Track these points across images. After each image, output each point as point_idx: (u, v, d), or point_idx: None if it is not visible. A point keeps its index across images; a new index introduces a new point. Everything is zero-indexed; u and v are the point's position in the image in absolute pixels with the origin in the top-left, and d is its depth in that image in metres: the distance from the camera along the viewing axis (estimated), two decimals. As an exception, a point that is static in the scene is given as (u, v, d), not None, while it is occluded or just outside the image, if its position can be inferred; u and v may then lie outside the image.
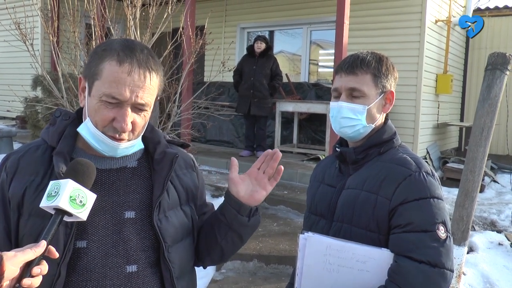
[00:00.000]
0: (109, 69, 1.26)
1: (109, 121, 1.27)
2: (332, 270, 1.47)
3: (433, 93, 8.44)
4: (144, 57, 1.28)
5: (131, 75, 1.25)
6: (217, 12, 9.59)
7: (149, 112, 1.33)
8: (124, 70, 1.25)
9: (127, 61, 1.25)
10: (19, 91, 6.47)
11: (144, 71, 1.27)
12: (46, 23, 5.32)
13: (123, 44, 1.30)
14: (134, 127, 1.30)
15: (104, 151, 1.31)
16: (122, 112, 1.26)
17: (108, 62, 1.27)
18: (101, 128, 1.28)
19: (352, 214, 1.57)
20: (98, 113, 1.27)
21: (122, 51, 1.27)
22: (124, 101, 1.25)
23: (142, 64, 1.27)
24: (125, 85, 1.24)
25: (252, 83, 7.44)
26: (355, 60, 1.63)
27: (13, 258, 1.01)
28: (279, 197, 5.86)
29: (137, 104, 1.27)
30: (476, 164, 3.51)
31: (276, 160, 1.44)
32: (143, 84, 1.27)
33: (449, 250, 1.45)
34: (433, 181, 1.53)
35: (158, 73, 1.33)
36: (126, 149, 1.33)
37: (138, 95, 1.26)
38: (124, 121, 1.26)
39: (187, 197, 1.46)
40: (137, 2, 4.85)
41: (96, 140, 1.29)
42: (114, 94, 1.24)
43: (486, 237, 5.16)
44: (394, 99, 1.69)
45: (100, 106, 1.27)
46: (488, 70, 3.54)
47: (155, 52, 1.24)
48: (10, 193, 1.30)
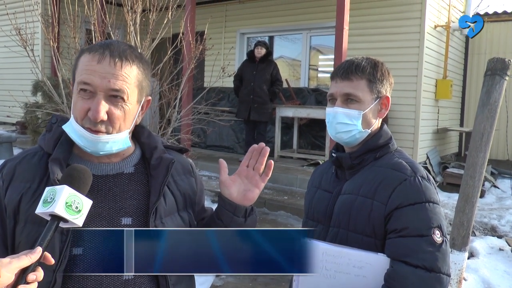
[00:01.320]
0: (82, 61, 1.29)
1: (85, 112, 1.27)
2: (329, 276, 1.46)
3: (432, 98, 8.44)
4: (118, 49, 1.29)
5: (101, 63, 1.26)
6: (217, 18, 9.62)
7: (130, 105, 1.31)
8: (94, 59, 1.26)
9: (99, 51, 1.27)
10: (19, 97, 6.48)
11: (115, 59, 1.27)
12: (47, 29, 5.34)
13: (101, 42, 1.33)
14: (112, 119, 1.28)
15: (86, 147, 1.30)
16: (95, 101, 1.26)
17: (83, 56, 1.30)
18: (80, 121, 1.28)
19: (348, 219, 1.57)
20: (76, 106, 1.29)
21: (98, 45, 1.30)
22: (96, 87, 1.25)
23: (115, 53, 1.28)
24: (95, 71, 1.25)
25: (252, 89, 7.45)
26: (350, 65, 1.64)
27: (8, 265, 1.01)
28: (279, 203, 5.85)
29: (110, 91, 1.26)
30: (476, 170, 3.50)
31: (264, 155, 1.41)
32: (114, 71, 1.27)
33: (445, 254, 1.45)
34: (428, 185, 1.53)
35: (134, 64, 1.32)
36: (107, 144, 1.30)
37: (110, 81, 1.26)
38: (96, 109, 1.25)
39: (184, 202, 1.45)
40: (137, 8, 4.87)
41: (77, 136, 1.29)
42: (85, 79, 1.25)
43: (487, 242, 5.15)
44: (389, 104, 1.69)
45: (78, 99, 1.28)
46: (488, 75, 3.54)
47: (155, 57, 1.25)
48: (6, 200, 1.29)
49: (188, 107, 6.30)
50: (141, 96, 1.36)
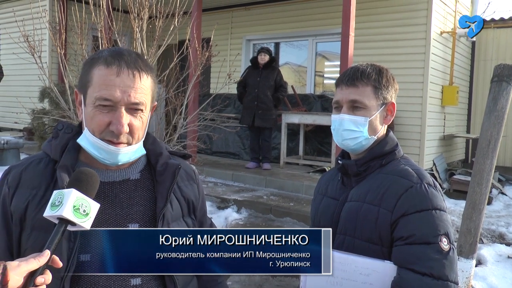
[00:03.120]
0: (98, 74, 1.28)
1: (105, 125, 1.27)
2: (336, 283, 1.45)
3: (439, 105, 8.42)
4: (132, 59, 1.29)
5: (120, 76, 1.26)
6: (223, 25, 9.66)
7: (146, 114, 1.33)
8: (112, 72, 1.26)
9: (115, 63, 1.27)
10: (26, 103, 6.52)
11: (133, 70, 1.27)
12: (54, 36, 5.37)
13: (110, 50, 1.32)
14: (132, 130, 1.29)
15: (105, 159, 1.31)
16: (117, 114, 1.26)
17: (97, 68, 1.28)
18: (98, 134, 1.28)
19: (354, 227, 1.57)
20: (93, 119, 1.28)
21: (110, 56, 1.29)
22: (117, 102, 1.25)
23: (131, 65, 1.28)
24: (115, 86, 1.25)
25: (257, 95, 7.44)
26: (355, 72, 1.63)
27: (17, 268, 1.01)
28: (285, 209, 5.84)
29: (130, 104, 1.27)
30: (483, 176, 3.49)
31: None
32: (133, 84, 1.27)
33: (452, 262, 1.44)
34: (435, 192, 1.52)
35: (149, 74, 1.33)
36: (127, 155, 1.32)
37: (131, 95, 1.26)
38: (119, 123, 1.25)
39: (188, 208, 1.46)
40: (144, 15, 4.90)
41: (96, 148, 1.29)
42: (106, 95, 1.25)
43: (495, 250, 5.11)
44: (395, 111, 1.69)
45: (95, 112, 1.27)
46: (494, 81, 3.53)
47: (161, 64, 1.26)
48: (13, 207, 1.29)
49: (194, 114, 6.32)
50: (152, 103, 1.38)
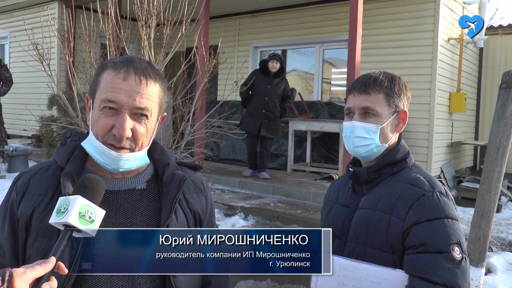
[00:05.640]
0: (106, 78, 1.29)
1: (109, 129, 1.27)
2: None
3: (446, 112, 8.38)
4: (141, 66, 1.30)
5: (127, 80, 1.27)
6: (231, 32, 9.69)
7: (152, 122, 1.32)
8: (119, 76, 1.27)
9: (123, 68, 1.28)
10: (35, 110, 6.57)
11: (140, 76, 1.28)
12: (63, 44, 5.41)
13: (122, 57, 1.34)
14: (136, 136, 1.29)
15: (107, 164, 1.30)
16: (120, 118, 1.26)
17: (106, 72, 1.30)
18: (101, 138, 1.28)
19: (366, 235, 1.56)
20: (98, 122, 1.28)
21: (120, 61, 1.30)
22: (121, 105, 1.26)
23: (139, 71, 1.28)
24: (121, 89, 1.26)
25: (266, 103, 7.27)
26: (368, 79, 1.63)
27: (23, 275, 1.01)
28: (293, 217, 5.82)
29: (135, 109, 1.27)
30: (492, 184, 3.46)
31: None
32: (139, 89, 1.28)
33: (465, 271, 1.42)
34: (447, 201, 1.51)
35: (157, 82, 1.33)
36: (129, 161, 1.31)
37: (136, 99, 1.26)
38: (122, 127, 1.25)
39: (194, 221, 1.44)
40: (152, 23, 4.92)
41: (98, 153, 1.29)
42: (110, 97, 1.26)
43: (505, 258, 5.06)
44: (407, 119, 1.68)
45: (100, 115, 1.28)
46: (503, 88, 3.51)
47: (168, 71, 1.27)
48: (19, 212, 1.30)
49: (202, 121, 6.33)
50: (160, 113, 1.37)
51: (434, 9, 7.75)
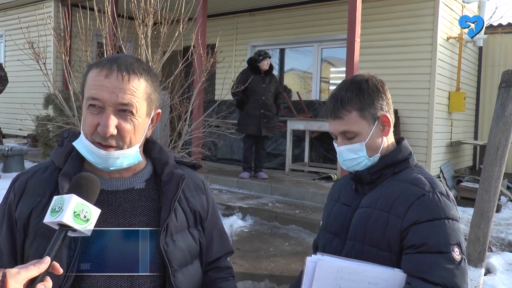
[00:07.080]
0: (90, 76, 1.29)
1: (94, 127, 1.26)
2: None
3: (446, 111, 8.36)
4: (125, 62, 1.29)
5: (109, 77, 1.26)
6: (228, 31, 9.67)
7: (139, 118, 1.30)
8: (102, 74, 1.26)
9: (106, 66, 1.27)
10: (31, 110, 6.52)
11: (122, 72, 1.27)
12: (59, 42, 5.38)
13: (110, 56, 1.34)
14: (122, 133, 1.28)
15: (97, 163, 1.30)
16: (104, 115, 1.25)
17: (91, 71, 1.30)
18: (89, 137, 1.28)
19: (364, 233, 1.55)
20: (85, 121, 1.28)
21: (106, 59, 1.30)
22: (104, 102, 1.25)
23: (122, 67, 1.27)
24: (103, 86, 1.25)
25: (264, 103, 7.23)
26: (335, 103, 1.62)
27: (17, 275, 1.00)
28: (291, 217, 5.79)
29: (119, 105, 1.26)
30: (492, 184, 3.43)
31: None
32: (122, 85, 1.26)
33: (464, 272, 1.42)
34: (447, 201, 1.50)
35: (142, 78, 1.31)
36: (118, 160, 1.30)
37: (118, 95, 1.25)
38: (105, 124, 1.24)
39: (195, 220, 1.43)
40: (149, 21, 4.89)
41: (88, 152, 1.29)
42: (93, 95, 1.25)
43: (504, 258, 5.04)
44: (391, 120, 1.65)
45: (87, 114, 1.28)
46: (502, 87, 3.48)
47: (166, 70, 1.24)
48: (17, 213, 1.30)
49: (199, 120, 6.30)
50: (151, 109, 1.35)
51: (433, 8, 7.73)
